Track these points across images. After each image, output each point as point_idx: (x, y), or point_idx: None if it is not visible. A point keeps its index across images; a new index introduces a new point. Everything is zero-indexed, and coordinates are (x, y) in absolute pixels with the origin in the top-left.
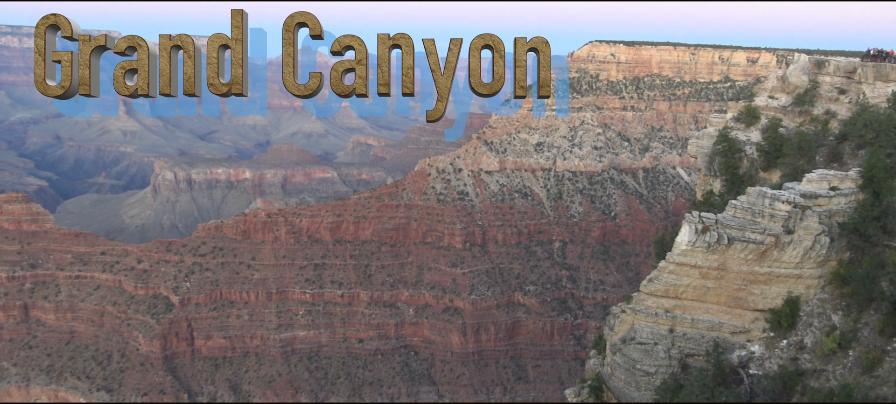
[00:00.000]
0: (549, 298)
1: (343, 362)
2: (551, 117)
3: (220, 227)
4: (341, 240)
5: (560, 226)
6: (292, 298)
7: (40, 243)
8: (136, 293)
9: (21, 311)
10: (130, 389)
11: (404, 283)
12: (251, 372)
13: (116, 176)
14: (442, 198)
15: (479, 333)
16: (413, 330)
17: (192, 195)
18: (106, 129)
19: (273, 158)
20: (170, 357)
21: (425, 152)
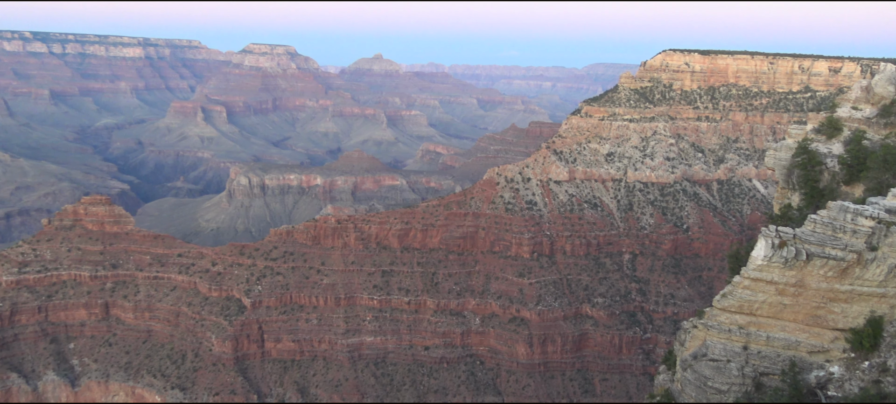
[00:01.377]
0: (618, 311)
1: (409, 369)
2: (623, 127)
3: (291, 232)
4: (409, 248)
5: (630, 237)
6: (360, 304)
7: (121, 244)
8: (210, 295)
9: (102, 310)
10: (203, 388)
11: (471, 292)
12: (318, 376)
13: (194, 180)
14: (510, 208)
15: (546, 344)
16: (479, 339)
17: (265, 200)
18: (185, 135)
19: (344, 165)
20: (241, 358)
21: (494, 161)
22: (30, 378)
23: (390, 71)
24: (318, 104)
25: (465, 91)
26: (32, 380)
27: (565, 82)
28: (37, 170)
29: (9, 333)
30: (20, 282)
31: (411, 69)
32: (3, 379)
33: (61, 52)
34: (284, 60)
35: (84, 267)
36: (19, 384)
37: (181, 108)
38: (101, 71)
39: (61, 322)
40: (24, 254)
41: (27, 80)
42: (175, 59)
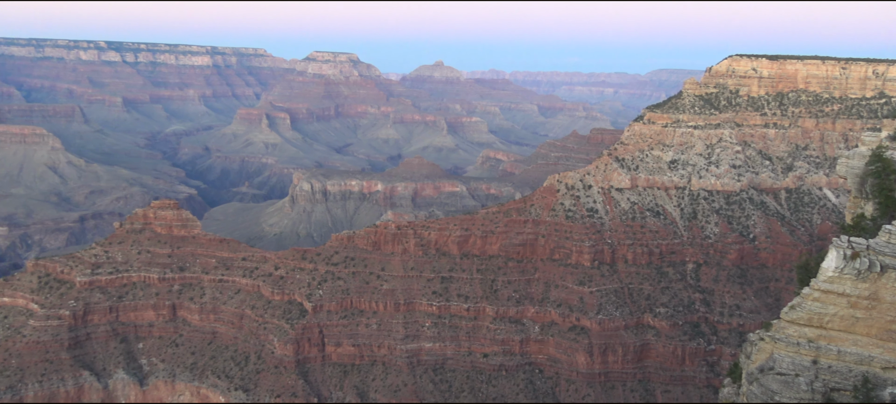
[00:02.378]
0: (681, 321)
1: (467, 376)
2: (687, 134)
3: (352, 238)
4: (468, 254)
5: (694, 246)
6: (419, 310)
7: (188, 247)
8: (273, 298)
9: (170, 311)
10: (265, 390)
11: (530, 300)
12: (378, 381)
13: (258, 186)
14: (571, 215)
15: (606, 354)
16: (538, 347)
17: (326, 205)
18: (250, 142)
19: (404, 171)
20: (302, 361)
21: (555, 168)
22: (101, 376)
23: (451, 77)
24: (379, 111)
25: (525, 97)
26: (103, 378)
27: (628, 88)
28: (110, 174)
29: (82, 332)
30: (93, 283)
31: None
32: (76, 376)
33: (134, 61)
34: (347, 68)
35: (153, 269)
36: (91, 381)
37: (247, 115)
38: (171, 79)
39: (131, 322)
40: (96, 256)
41: (101, 87)
42: (241, 66)
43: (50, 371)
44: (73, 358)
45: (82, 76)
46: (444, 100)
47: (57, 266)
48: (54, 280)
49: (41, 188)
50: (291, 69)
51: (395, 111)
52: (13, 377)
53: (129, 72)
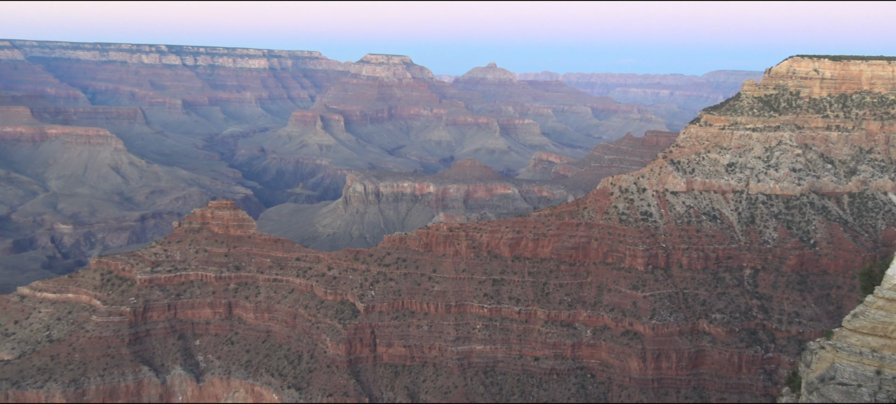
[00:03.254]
0: (738, 328)
1: (518, 379)
2: (745, 136)
3: (404, 239)
4: (520, 257)
5: (751, 252)
6: (470, 312)
7: (244, 247)
8: (326, 298)
9: (226, 309)
10: (317, 389)
11: (582, 303)
12: (428, 382)
13: (312, 187)
14: (624, 218)
15: (660, 360)
16: (590, 351)
17: (379, 207)
18: (304, 143)
19: (456, 173)
20: (354, 361)
21: (608, 171)
22: (159, 371)
23: (504, 80)
24: (432, 113)
25: (579, 99)
26: (162, 374)
27: (684, 90)
28: (169, 175)
29: (141, 328)
30: (152, 281)
31: (525, 78)
32: (136, 371)
33: (193, 64)
34: (400, 70)
35: (210, 268)
36: (150, 377)
37: (301, 117)
38: (229, 81)
39: (188, 319)
40: (156, 255)
41: (162, 90)
42: (297, 69)
43: (111, 365)
44: (133, 354)
45: (144, 79)
46: (496, 102)
47: (119, 263)
48: (116, 277)
49: (104, 188)
50: (345, 72)
51: (447, 113)
52: (76, 371)
53: (189, 75)
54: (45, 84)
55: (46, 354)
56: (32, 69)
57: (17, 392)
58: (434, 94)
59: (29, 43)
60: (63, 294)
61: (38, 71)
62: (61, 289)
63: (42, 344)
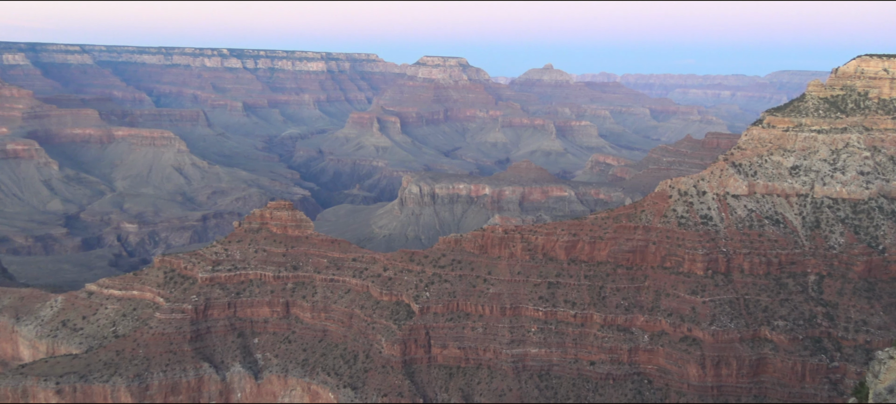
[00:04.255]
0: (801, 336)
1: (573, 383)
2: (810, 139)
3: (459, 241)
4: (576, 260)
5: (816, 257)
6: (525, 314)
7: (302, 247)
8: (382, 299)
9: (283, 308)
10: (372, 389)
11: (640, 308)
12: (483, 384)
13: (368, 188)
14: (683, 222)
15: (720, 367)
16: (647, 357)
17: (434, 208)
18: (361, 145)
19: (512, 175)
20: (408, 362)
21: (667, 173)
22: (219, 368)
23: (560, 81)
24: (487, 115)
25: (637, 101)
26: (221, 371)
27: (746, 91)
28: (230, 176)
29: (202, 326)
30: (213, 279)
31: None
32: (197, 367)
33: (253, 67)
34: (456, 72)
35: (268, 267)
36: (210, 373)
37: (358, 119)
38: (288, 84)
39: (247, 317)
40: (217, 254)
41: (224, 93)
42: (354, 72)
43: (173, 361)
44: (195, 350)
45: (206, 82)
46: (552, 103)
47: (181, 262)
48: (179, 275)
49: (168, 188)
50: (402, 74)
51: (503, 115)
52: (140, 366)
53: (249, 77)
54: (113, 87)
55: (112, 349)
56: (101, 73)
57: (85, 385)
58: (490, 96)
59: (98, 47)
60: (128, 291)
61: (106, 75)
62: (126, 286)
63: (108, 339)
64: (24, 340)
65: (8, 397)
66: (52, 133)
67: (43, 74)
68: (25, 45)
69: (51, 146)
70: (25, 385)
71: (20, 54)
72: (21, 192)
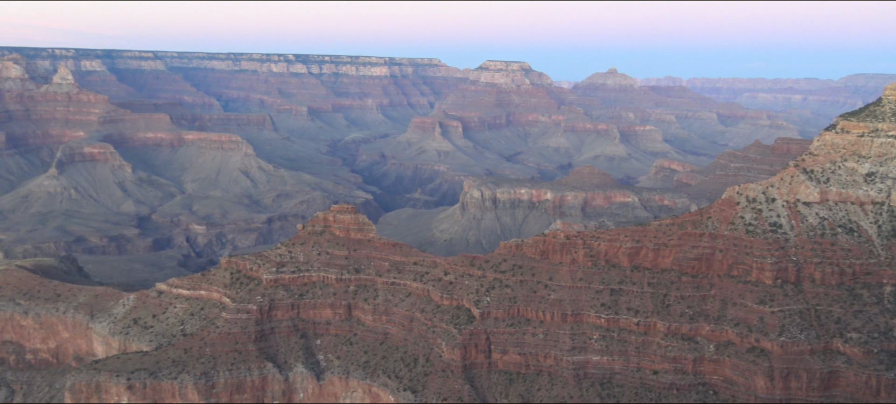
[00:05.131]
0: (877, 349)
1: (635, 392)
2: (887, 144)
3: (520, 246)
4: (639, 267)
5: (893, 267)
6: (587, 321)
7: (364, 250)
8: (442, 303)
9: (345, 310)
10: (432, 392)
11: (705, 317)
12: (543, 391)
13: (430, 192)
14: (751, 229)
15: (789, 379)
16: (713, 367)
17: (496, 213)
18: (423, 149)
19: (574, 180)
20: (468, 366)
21: (734, 179)
22: (282, 368)
23: (624, 85)
24: (550, 119)
25: (703, 105)
26: (285, 371)
27: (818, 95)
28: (295, 179)
29: (267, 326)
30: (277, 281)
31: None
32: (261, 367)
33: (318, 73)
34: (519, 76)
35: (331, 270)
36: (274, 373)
37: (421, 124)
38: (352, 89)
39: (310, 319)
40: (281, 256)
41: (289, 97)
42: (416, 76)
43: (238, 360)
44: (259, 350)
45: (273, 87)
46: (616, 108)
47: (247, 263)
48: (244, 276)
49: (235, 191)
50: (464, 78)
51: (566, 119)
52: (207, 364)
53: (314, 83)
54: (184, 92)
55: (180, 347)
56: (172, 78)
57: (154, 382)
58: (552, 101)
59: (170, 54)
60: (196, 291)
61: (177, 80)
62: (195, 286)
63: (176, 337)
64: (98, 336)
65: (82, 391)
66: (126, 137)
67: (118, 80)
68: (102, 51)
69: (125, 149)
70: (99, 380)
71: (97, 61)
72: (97, 194)
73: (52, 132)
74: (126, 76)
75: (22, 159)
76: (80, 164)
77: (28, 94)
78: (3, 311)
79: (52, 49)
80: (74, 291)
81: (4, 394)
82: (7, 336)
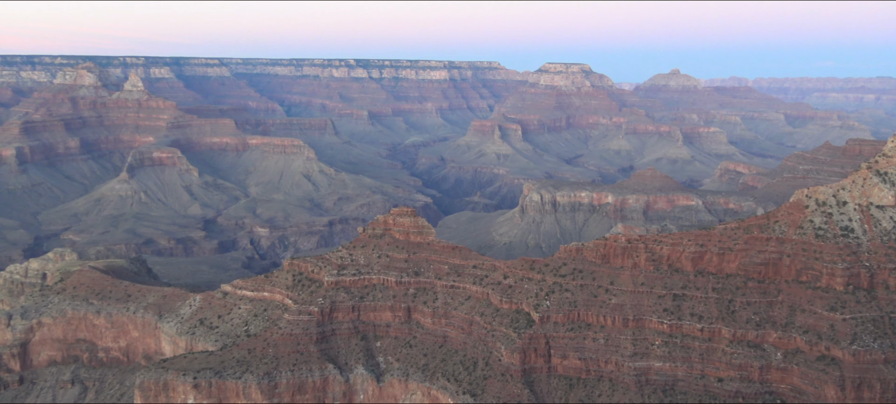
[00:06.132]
0: None
1: (699, 400)
2: None
3: (580, 250)
4: (703, 272)
5: None
6: (649, 327)
7: (423, 253)
8: (501, 306)
9: (405, 313)
10: (491, 396)
11: (772, 324)
12: (603, 397)
13: (489, 196)
14: (821, 234)
15: (862, 389)
16: (780, 376)
17: (555, 216)
18: (482, 153)
19: (636, 183)
20: (528, 371)
21: (803, 182)
22: (343, 370)
23: (688, 86)
24: (611, 121)
25: (770, 106)
26: (345, 372)
27: (892, 94)
28: (355, 183)
29: (328, 328)
30: (338, 283)
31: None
32: (322, 368)
33: (378, 77)
34: (579, 79)
35: (391, 272)
36: (335, 374)
37: (480, 127)
38: (411, 93)
39: (370, 321)
40: (342, 258)
41: (350, 102)
42: (476, 80)
43: (300, 361)
44: (320, 352)
45: (334, 92)
46: (679, 109)
47: (308, 265)
48: (306, 278)
49: (297, 194)
50: (524, 81)
51: (627, 122)
52: (270, 364)
53: (375, 87)
54: (248, 98)
55: (244, 348)
56: (237, 84)
57: (219, 381)
58: (613, 103)
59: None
60: (259, 292)
61: (241, 86)
62: (258, 287)
63: (241, 337)
64: (166, 336)
65: (151, 389)
66: (193, 141)
67: (185, 86)
68: (170, 59)
69: (191, 154)
70: (166, 378)
71: (166, 68)
72: (165, 197)
73: (123, 137)
74: (193, 82)
75: (95, 164)
76: (150, 169)
77: (101, 100)
78: (77, 310)
79: (124, 57)
80: (144, 292)
81: (78, 391)
82: (81, 334)
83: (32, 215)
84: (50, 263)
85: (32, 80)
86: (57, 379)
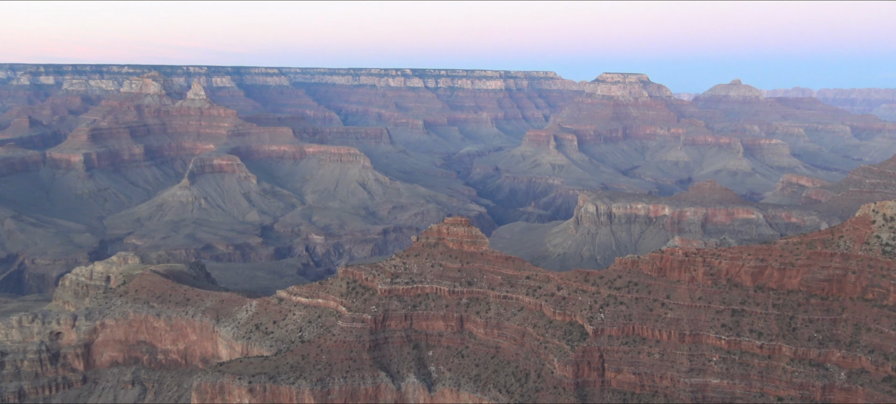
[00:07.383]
0: None
1: None
2: None
3: (636, 262)
4: (763, 287)
5: None
6: (706, 343)
7: (476, 263)
8: (555, 318)
9: (457, 323)
10: None
11: (836, 342)
12: None
13: (544, 206)
14: (888, 250)
15: None
16: (844, 396)
17: (611, 228)
18: (537, 163)
19: (694, 196)
20: (581, 384)
21: (870, 196)
22: (395, 378)
23: (749, 97)
24: (668, 132)
25: (835, 117)
26: (397, 381)
27: None
28: (410, 191)
29: (380, 336)
30: (391, 291)
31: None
32: (375, 376)
33: (434, 86)
34: (636, 89)
35: (444, 282)
36: (386, 382)
37: (535, 137)
38: (467, 102)
39: (422, 330)
40: (395, 267)
41: (406, 111)
42: (532, 89)
43: (353, 369)
44: (373, 359)
45: (390, 101)
46: (740, 120)
47: (362, 273)
48: (360, 286)
49: (352, 202)
50: (580, 91)
51: (685, 133)
52: (323, 371)
53: (430, 96)
54: (306, 107)
55: (298, 353)
56: (295, 93)
57: (273, 385)
58: (671, 113)
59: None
60: (314, 299)
61: (300, 95)
62: (313, 294)
63: (295, 343)
64: (223, 340)
65: (207, 392)
66: (252, 149)
67: (245, 95)
68: (231, 68)
69: (250, 161)
70: (223, 382)
71: (227, 77)
72: (224, 204)
73: (185, 144)
74: (253, 91)
75: (158, 170)
76: (210, 175)
77: (164, 109)
78: (138, 313)
79: (187, 66)
80: (202, 296)
81: (138, 392)
82: (141, 336)
83: (98, 219)
84: (113, 266)
85: (100, 88)
86: (118, 380)
